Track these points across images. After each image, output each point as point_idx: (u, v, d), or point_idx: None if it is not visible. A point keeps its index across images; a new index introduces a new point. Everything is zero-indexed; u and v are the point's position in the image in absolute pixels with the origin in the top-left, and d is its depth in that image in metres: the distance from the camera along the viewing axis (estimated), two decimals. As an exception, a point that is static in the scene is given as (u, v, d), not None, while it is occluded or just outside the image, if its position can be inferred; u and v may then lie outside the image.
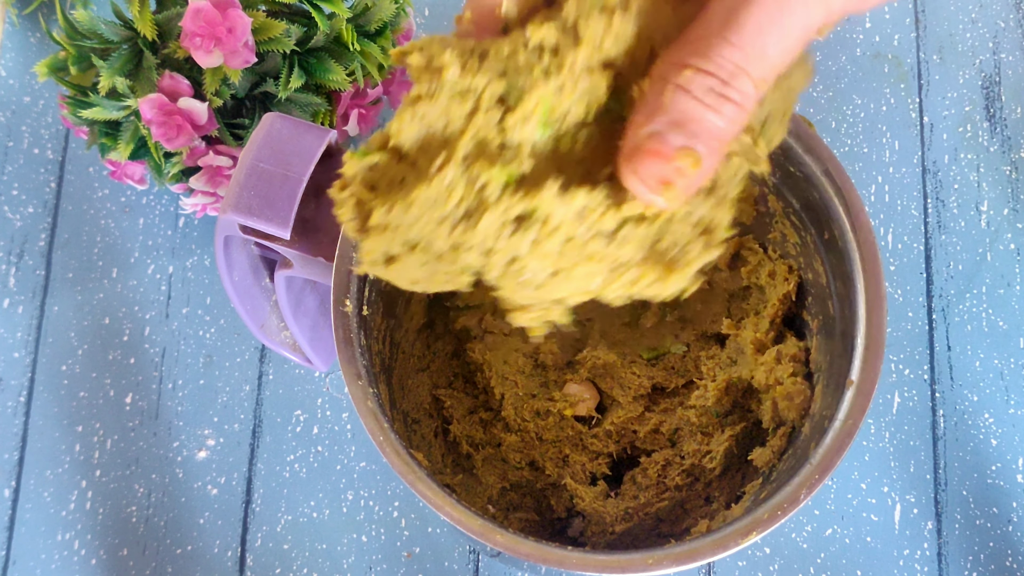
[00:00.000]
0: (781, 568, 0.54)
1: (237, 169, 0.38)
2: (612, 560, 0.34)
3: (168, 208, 0.59)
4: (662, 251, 0.28)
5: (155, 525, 0.54)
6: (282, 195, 0.38)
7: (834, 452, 0.35)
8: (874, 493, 0.55)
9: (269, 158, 0.38)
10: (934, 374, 0.57)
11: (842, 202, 0.38)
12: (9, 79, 0.62)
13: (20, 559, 0.54)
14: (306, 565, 0.54)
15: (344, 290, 0.37)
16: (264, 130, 0.39)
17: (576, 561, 0.34)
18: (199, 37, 0.47)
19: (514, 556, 0.34)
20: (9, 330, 0.57)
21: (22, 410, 0.56)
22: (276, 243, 0.39)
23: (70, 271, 0.58)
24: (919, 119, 0.61)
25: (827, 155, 0.38)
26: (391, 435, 0.36)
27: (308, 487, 0.55)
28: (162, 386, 0.57)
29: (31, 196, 0.60)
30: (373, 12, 0.53)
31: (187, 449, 0.55)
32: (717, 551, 0.34)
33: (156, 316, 0.58)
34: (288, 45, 0.49)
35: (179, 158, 0.51)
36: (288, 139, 0.39)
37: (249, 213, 0.38)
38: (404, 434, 0.42)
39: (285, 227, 0.38)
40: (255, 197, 0.38)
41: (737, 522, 0.35)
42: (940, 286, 0.58)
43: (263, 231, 0.38)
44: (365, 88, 0.53)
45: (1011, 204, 0.60)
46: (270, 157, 0.38)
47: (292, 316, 0.45)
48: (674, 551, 0.34)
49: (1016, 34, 0.63)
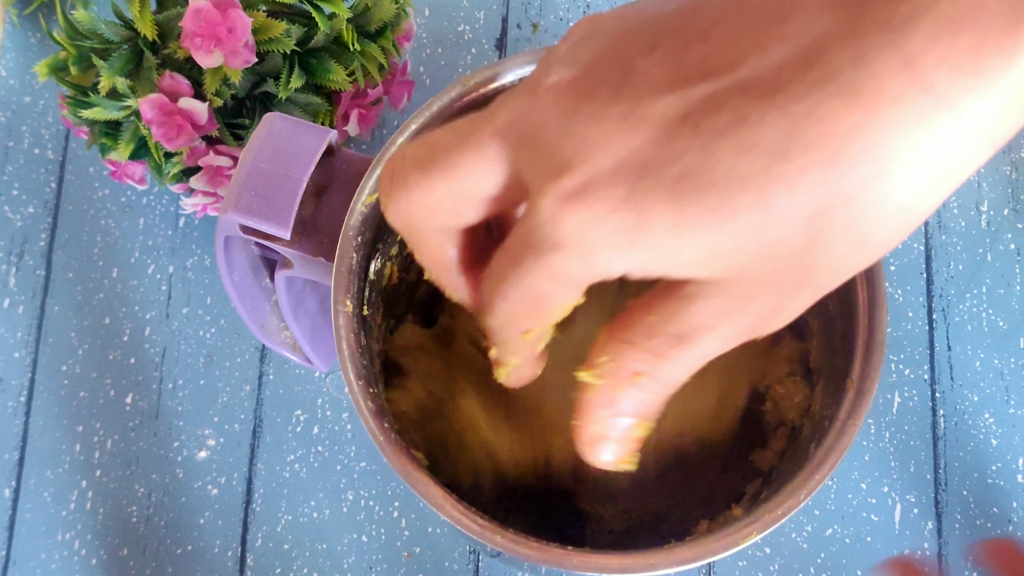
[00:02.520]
0: (781, 568, 0.54)
1: (237, 169, 0.38)
2: (612, 560, 0.34)
3: (168, 208, 0.59)
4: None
5: (155, 525, 0.54)
6: (282, 195, 0.38)
7: (835, 452, 0.35)
8: (874, 493, 0.55)
9: (269, 158, 0.38)
10: (934, 374, 0.57)
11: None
12: (9, 79, 0.62)
13: (20, 559, 0.54)
14: (306, 565, 0.54)
15: (344, 290, 0.37)
16: (264, 130, 0.39)
17: (576, 562, 0.34)
18: (199, 37, 0.47)
19: (514, 556, 0.34)
20: (9, 330, 0.57)
21: (22, 410, 0.56)
22: (276, 243, 0.39)
23: (70, 271, 0.58)
24: (919, 119, 0.61)
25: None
26: (391, 436, 0.36)
27: (308, 487, 0.55)
28: (162, 386, 0.57)
29: (31, 196, 0.60)
30: (373, 12, 0.53)
31: (187, 449, 0.55)
32: (718, 551, 0.34)
33: (156, 316, 0.58)
34: (288, 45, 0.49)
35: (179, 158, 0.51)
36: (288, 139, 0.39)
37: (249, 213, 0.38)
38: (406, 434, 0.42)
39: (286, 227, 0.38)
40: (255, 197, 0.38)
41: (737, 522, 0.35)
42: (940, 286, 0.58)
43: (263, 231, 0.38)
44: (365, 88, 0.53)
45: (1011, 204, 0.60)
46: (270, 157, 0.38)
47: (292, 316, 0.45)
48: (675, 551, 0.34)
49: (1016, 34, 0.63)
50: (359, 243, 0.38)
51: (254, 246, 0.43)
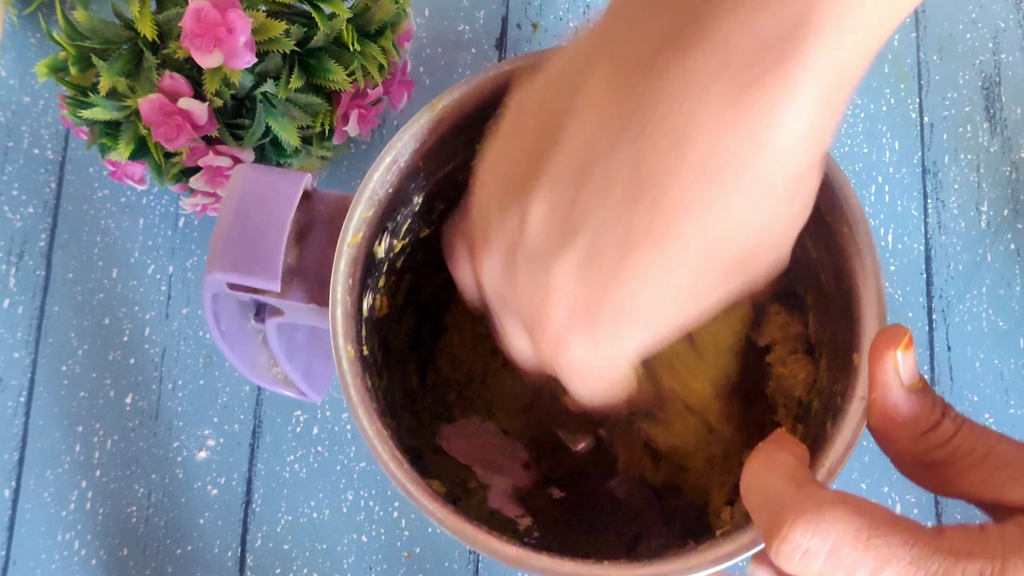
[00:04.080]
0: (781, 568, 0.54)
1: (217, 226, 0.38)
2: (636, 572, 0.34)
3: (168, 208, 0.59)
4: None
5: (155, 525, 0.54)
6: (266, 247, 0.37)
7: (856, 427, 0.35)
8: (874, 493, 0.55)
9: (247, 211, 0.37)
10: (934, 374, 0.57)
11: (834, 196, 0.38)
12: (9, 79, 0.62)
13: (20, 559, 0.54)
14: (306, 565, 0.54)
15: (344, 336, 0.37)
16: (239, 182, 0.38)
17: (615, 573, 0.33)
18: (199, 37, 0.47)
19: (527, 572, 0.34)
20: (9, 330, 0.57)
21: (22, 410, 0.56)
22: (267, 296, 0.39)
23: (70, 271, 0.58)
24: (919, 119, 0.61)
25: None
26: (409, 469, 0.36)
27: (308, 487, 0.55)
28: (162, 386, 0.57)
29: (31, 196, 0.60)
30: (373, 12, 0.53)
31: (187, 449, 0.55)
32: (751, 547, 0.34)
33: (156, 316, 0.58)
34: (288, 45, 0.49)
35: (179, 158, 0.51)
36: (263, 189, 0.38)
37: (236, 270, 0.37)
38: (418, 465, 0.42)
39: (275, 279, 0.37)
40: (240, 253, 0.37)
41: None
42: (940, 286, 0.58)
43: (252, 287, 0.38)
44: (365, 88, 0.53)
45: (1011, 204, 0.60)
46: (248, 210, 0.37)
47: (285, 357, 0.45)
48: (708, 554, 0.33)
49: (1016, 34, 0.63)
50: (351, 285, 0.37)
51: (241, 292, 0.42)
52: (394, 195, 0.39)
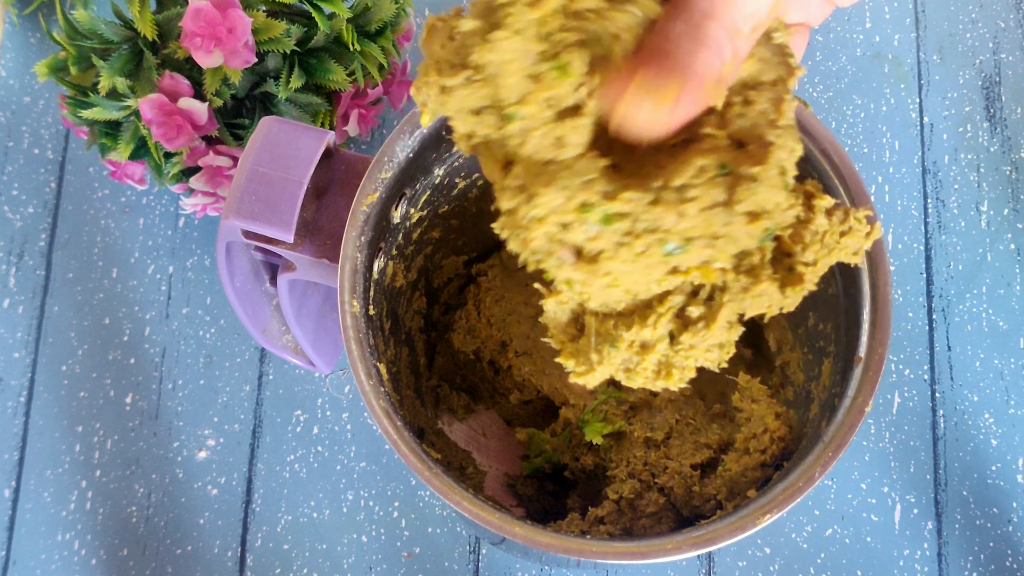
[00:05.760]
0: (781, 568, 0.54)
1: (237, 175, 0.39)
2: (632, 547, 0.34)
3: (168, 208, 0.59)
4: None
5: (155, 525, 0.54)
6: (283, 198, 0.38)
7: (846, 429, 0.35)
8: (874, 493, 0.55)
9: (268, 162, 0.38)
10: (934, 374, 0.57)
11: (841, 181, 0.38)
12: (9, 79, 0.62)
13: (20, 559, 0.54)
14: (306, 565, 0.54)
15: (351, 291, 0.37)
16: (262, 135, 0.39)
17: (596, 550, 0.34)
18: (199, 37, 0.47)
19: (534, 548, 0.34)
20: (9, 330, 0.57)
21: (22, 410, 0.56)
22: (279, 247, 0.39)
23: (70, 271, 0.58)
24: (919, 119, 0.61)
25: (823, 134, 0.38)
26: (404, 433, 0.36)
27: (308, 487, 0.55)
28: (162, 386, 0.57)
29: (31, 196, 0.60)
30: (373, 12, 0.53)
31: (187, 449, 0.55)
32: (735, 533, 0.34)
33: (156, 316, 0.58)
34: (288, 45, 0.49)
35: (179, 158, 0.51)
36: (286, 142, 0.39)
37: (252, 218, 0.38)
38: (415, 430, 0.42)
39: (288, 230, 0.38)
40: (257, 202, 0.38)
41: (752, 503, 0.35)
42: (940, 286, 0.58)
43: (266, 235, 0.39)
44: (365, 88, 0.53)
45: (1011, 204, 0.60)
46: (269, 161, 0.38)
47: (295, 319, 0.45)
48: (692, 535, 0.34)
49: (1016, 34, 0.63)
50: (362, 243, 0.38)
51: (255, 251, 0.43)
52: (414, 160, 0.39)
